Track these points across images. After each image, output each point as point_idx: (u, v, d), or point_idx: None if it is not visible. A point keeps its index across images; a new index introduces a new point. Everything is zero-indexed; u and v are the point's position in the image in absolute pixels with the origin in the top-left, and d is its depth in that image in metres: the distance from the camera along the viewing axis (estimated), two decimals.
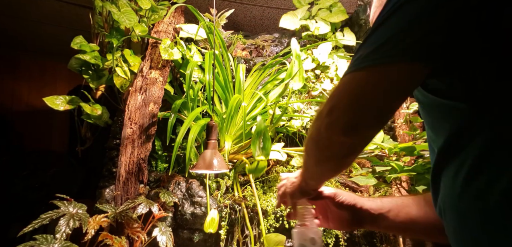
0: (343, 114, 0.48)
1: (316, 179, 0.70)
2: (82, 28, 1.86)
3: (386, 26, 0.46)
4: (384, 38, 0.46)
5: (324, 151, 0.56)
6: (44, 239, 1.02)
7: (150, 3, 1.67)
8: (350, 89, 0.48)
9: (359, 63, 0.47)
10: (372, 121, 0.49)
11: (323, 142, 0.54)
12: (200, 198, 1.50)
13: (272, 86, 1.81)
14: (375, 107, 0.47)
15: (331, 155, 0.55)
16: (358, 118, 0.48)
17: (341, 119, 0.48)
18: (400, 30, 0.45)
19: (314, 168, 0.65)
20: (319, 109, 0.54)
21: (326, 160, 0.58)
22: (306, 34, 2.00)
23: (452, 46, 0.44)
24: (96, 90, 1.64)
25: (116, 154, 1.55)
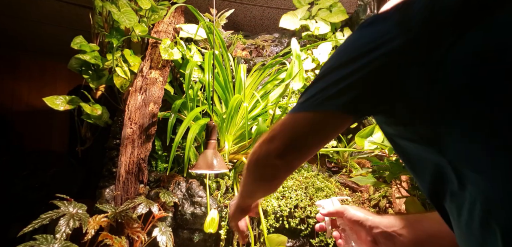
0: (279, 144, 0.61)
1: (252, 196, 0.83)
2: (82, 28, 1.86)
3: (320, 79, 0.56)
4: (316, 90, 0.56)
5: (261, 170, 0.68)
6: (44, 239, 1.02)
7: (150, 3, 1.67)
8: (287, 127, 0.61)
9: (297, 107, 0.60)
10: (299, 155, 0.63)
11: (262, 162, 0.65)
12: (200, 198, 1.50)
13: (272, 86, 1.80)
14: (302, 144, 0.60)
15: (266, 174, 0.68)
16: (289, 150, 0.60)
17: (277, 148, 0.61)
18: (328, 84, 0.54)
19: (251, 185, 0.76)
20: (264, 136, 0.66)
21: (261, 179, 0.71)
22: (306, 34, 2.00)
23: (369, 100, 0.53)
24: (96, 90, 1.64)
25: (116, 154, 1.55)
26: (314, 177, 1.67)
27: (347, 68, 0.52)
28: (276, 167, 0.63)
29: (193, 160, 1.54)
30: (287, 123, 0.61)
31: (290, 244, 1.53)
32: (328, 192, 1.62)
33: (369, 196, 1.67)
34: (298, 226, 1.51)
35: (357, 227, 0.79)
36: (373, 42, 0.50)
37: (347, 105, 0.53)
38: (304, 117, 0.58)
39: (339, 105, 0.53)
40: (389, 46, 0.48)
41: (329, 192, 1.62)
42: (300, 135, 0.59)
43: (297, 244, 1.54)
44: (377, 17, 0.53)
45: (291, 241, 1.53)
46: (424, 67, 0.46)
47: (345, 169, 1.80)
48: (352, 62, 0.51)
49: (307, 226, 1.52)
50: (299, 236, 1.54)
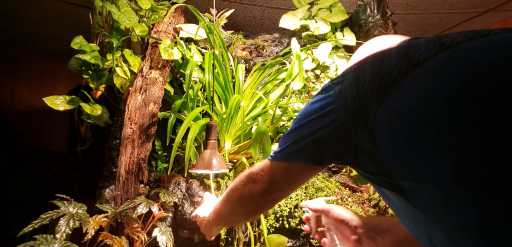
0: (262, 186, 0.70)
1: (228, 223, 0.96)
2: (82, 28, 1.86)
3: (291, 133, 0.65)
4: (287, 142, 0.65)
5: (245, 207, 0.76)
6: (44, 239, 1.02)
7: (150, 3, 1.67)
8: (267, 173, 0.69)
9: (273, 156, 0.68)
10: (280, 194, 0.72)
11: (246, 199, 0.74)
12: (200, 198, 1.50)
13: (272, 86, 1.80)
14: (281, 187, 0.70)
15: (249, 210, 0.77)
16: (271, 191, 0.70)
17: (261, 189, 0.70)
18: (296, 139, 0.63)
19: (231, 216, 0.84)
20: (246, 176, 0.74)
21: (243, 213, 0.79)
22: (306, 34, 2.00)
23: (330, 154, 0.62)
24: (96, 90, 1.64)
25: (116, 154, 1.55)
26: (314, 177, 1.67)
27: (307, 128, 0.62)
28: (259, 204, 0.73)
29: (194, 160, 1.54)
30: (267, 169, 0.70)
31: (290, 244, 1.53)
32: (328, 192, 1.62)
33: (369, 196, 1.67)
34: (298, 226, 1.51)
35: (342, 227, 0.87)
36: (323, 108, 0.60)
37: (311, 157, 0.63)
38: (279, 166, 0.68)
39: (306, 157, 0.63)
40: (334, 112, 0.58)
41: (329, 192, 1.62)
42: (277, 179, 0.68)
43: (297, 244, 1.53)
44: (327, 86, 0.63)
45: (291, 241, 1.53)
46: (365, 126, 0.53)
47: (345, 169, 1.80)
48: (311, 124, 0.61)
49: None
50: (299, 236, 1.53)
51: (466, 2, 2.47)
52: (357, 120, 0.54)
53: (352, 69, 0.59)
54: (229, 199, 0.81)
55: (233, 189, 0.78)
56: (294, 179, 0.69)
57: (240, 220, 0.91)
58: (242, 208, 0.78)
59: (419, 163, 0.47)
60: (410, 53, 0.51)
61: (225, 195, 0.83)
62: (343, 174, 1.78)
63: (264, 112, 1.75)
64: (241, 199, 0.76)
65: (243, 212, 0.79)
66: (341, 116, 0.57)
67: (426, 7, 2.55)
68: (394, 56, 0.53)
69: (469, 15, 2.68)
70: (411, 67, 0.50)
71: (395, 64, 0.51)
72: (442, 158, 0.44)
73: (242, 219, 0.88)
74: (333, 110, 0.58)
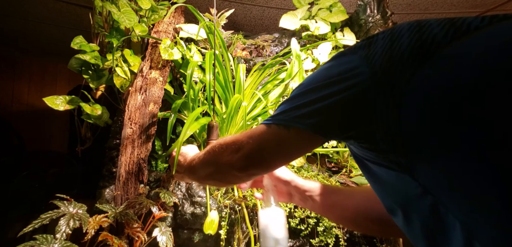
0: (244, 156, 0.61)
1: (200, 181, 0.89)
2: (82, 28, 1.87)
3: (294, 98, 0.58)
4: (288, 107, 0.57)
5: (220, 175, 0.69)
6: (44, 239, 1.02)
7: (150, 3, 1.67)
8: (255, 139, 0.61)
9: (267, 120, 0.60)
10: (261, 168, 0.64)
11: (223, 169, 0.66)
12: (200, 198, 1.50)
13: (272, 86, 1.80)
14: (265, 158, 0.61)
15: (223, 179, 0.70)
16: (252, 162, 0.61)
17: (241, 159, 0.61)
18: (300, 104, 0.56)
19: (204, 177, 0.77)
20: (229, 141, 0.65)
21: (218, 180, 0.72)
22: (306, 34, 2.00)
23: (338, 125, 0.55)
24: (96, 90, 1.64)
25: (116, 154, 1.55)
26: (314, 177, 1.67)
27: (319, 92, 0.55)
28: (237, 177, 0.66)
29: None
30: (255, 135, 0.61)
31: (290, 244, 1.53)
32: None
33: None
34: (298, 226, 1.51)
35: (280, 185, 0.87)
36: (343, 72, 0.53)
37: (315, 126, 0.55)
38: (272, 131, 0.59)
39: (308, 125, 0.55)
40: (357, 78, 0.52)
41: None
42: (267, 148, 0.60)
43: (297, 244, 1.53)
44: (348, 50, 0.56)
45: (291, 241, 1.53)
46: (388, 98, 0.49)
47: (345, 169, 1.80)
48: (325, 88, 0.54)
49: (307, 226, 1.52)
50: (299, 236, 1.54)
51: (466, 2, 2.48)
52: (382, 89, 0.49)
53: (384, 34, 0.53)
54: (207, 159, 0.73)
55: (210, 152, 0.71)
56: (287, 150, 0.60)
57: (211, 185, 0.83)
58: (216, 175, 0.70)
59: (453, 139, 0.43)
60: (456, 21, 0.46)
61: (204, 153, 0.75)
62: (343, 174, 1.78)
63: (264, 112, 1.75)
64: (216, 165, 0.68)
65: (217, 179, 0.72)
66: (365, 82, 0.51)
67: (426, 7, 2.56)
68: (435, 23, 0.48)
69: (469, 15, 2.68)
70: (459, 33, 0.45)
71: (439, 30, 0.47)
72: (485, 133, 0.40)
73: (212, 184, 0.80)
74: (356, 75, 0.52)
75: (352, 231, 1.55)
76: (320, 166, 1.79)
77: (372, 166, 0.58)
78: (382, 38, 0.52)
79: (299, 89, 0.59)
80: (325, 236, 1.52)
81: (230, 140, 0.65)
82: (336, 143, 1.86)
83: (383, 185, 0.58)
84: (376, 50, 0.51)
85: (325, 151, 1.83)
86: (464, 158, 0.42)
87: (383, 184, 0.58)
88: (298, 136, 0.57)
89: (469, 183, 0.42)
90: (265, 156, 0.61)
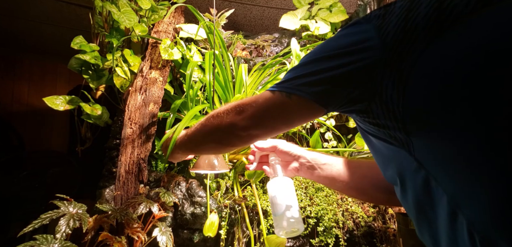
0: (247, 117, 0.63)
1: (199, 151, 0.88)
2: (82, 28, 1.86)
3: (300, 66, 0.58)
4: (294, 75, 0.58)
5: (221, 135, 0.69)
6: (44, 239, 1.02)
7: (150, 3, 1.67)
8: (259, 103, 0.62)
9: (272, 86, 0.61)
10: (263, 131, 0.65)
11: (225, 128, 0.67)
12: (200, 198, 1.50)
13: None
14: (268, 123, 0.62)
15: (225, 139, 0.69)
16: (255, 124, 0.63)
17: (244, 120, 0.63)
18: (306, 73, 0.56)
19: (204, 143, 0.77)
20: (232, 104, 0.67)
21: (218, 141, 0.72)
22: (306, 34, 2.00)
23: (342, 96, 0.54)
24: (96, 90, 1.64)
25: (116, 154, 1.55)
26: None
27: (327, 62, 0.54)
28: (238, 137, 0.66)
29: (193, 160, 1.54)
30: (259, 99, 0.62)
31: (290, 244, 1.53)
32: (328, 192, 1.62)
33: None
34: None
35: (286, 157, 0.90)
36: (353, 44, 0.52)
37: (319, 95, 0.55)
38: (276, 97, 0.60)
39: (312, 94, 0.55)
40: (367, 51, 0.50)
41: (329, 192, 1.62)
42: (269, 113, 0.61)
43: (297, 244, 1.53)
44: (363, 18, 0.54)
45: (291, 241, 1.53)
46: (397, 71, 0.47)
47: None
48: (332, 58, 0.54)
49: (307, 226, 1.52)
50: (299, 236, 1.54)
51: None
52: (390, 62, 0.48)
53: (403, 2, 0.50)
54: (207, 123, 0.73)
55: (213, 115, 0.71)
56: (287, 117, 0.61)
57: (210, 149, 0.81)
58: (217, 135, 0.70)
59: (461, 112, 0.42)
60: None
61: (203, 119, 0.75)
62: None
63: None
64: (219, 127, 0.68)
65: (217, 140, 0.72)
66: (374, 55, 0.49)
67: None
68: None
69: None
70: (481, 3, 0.42)
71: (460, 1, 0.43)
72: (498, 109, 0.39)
73: (212, 148, 0.78)
74: (366, 48, 0.50)
75: (352, 231, 1.56)
76: None
77: (373, 139, 0.58)
78: (400, 7, 0.50)
79: (308, 57, 0.58)
80: (325, 236, 1.52)
81: (232, 104, 0.67)
82: (336, 143, 1.86)
83: (384, 158, 0.59)
84: (390, 20, 0.49)
85: (325, 151, 1.83)
86: (468, 131, 0.41)
87: (384, 156, 0.58)
88: (299, 104, 0.57)
89: (469, 157, 0.42)
90: (267, 120, 0.62)
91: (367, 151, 1.59)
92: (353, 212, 1.59)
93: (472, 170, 0.42)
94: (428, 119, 0.45)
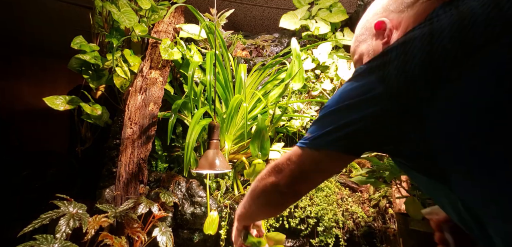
0: (287, 176, 0.66)
1: (255, 218, 0.86)
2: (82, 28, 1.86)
3: (323, 118, 0.61)
4: (320, 130, 0.60)
5: (269, 197, 0.72)
6: (44, 239, 1.02)
7: (150, 3, 1.67)
8: (294, 162, 0.65)
9: (302, 143, 0.63)
10: (306, 186, 0.68)
11: (270, 189, 0.70)
12: (200, 198, 1.50)
13: (272, 86, 1.80)
14: (308, 178, 0.65)
15: (273, 201, 0.72)
16: (296, 182, 0.65)
17: (285, 179, 0.66)
18: (331, 129, 0.58)
19: (257, 209, 0.79)
20: (270, 167, 0.70)
21: (268, 204, 0.75)
22: (306, 34, 2.00)
23: (368, 144, 0.57)
24: (96, 90, 1.64)
25: (116, 154, 1.55)
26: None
27: (346, 116, 0.56)
28: (284, 195, 0.68)
29: (193, 162, 1.54)
30: (293, 158, 0.65)
31: (290, 244, 1.53)
32: (328, 192, 1.62)
33: (369, 196, 1.67)
34: (298, 226, 1.51)
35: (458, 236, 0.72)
36: (362, 94, 0.54)
37: (348, 147, 0.58)
38: (309, 155, 0.62)
39: (342, 147, 0.58)
40: (376, 99, 0.52)
41: (329, 192, 1.62)
42: (305, 170, 0.64)
43: (297, 244, 1.53)
44: (365, 70, 0.56)
45: (291, 241, 1.53)
46: (410, 116, 0.49)
47: (345, 169, 1.80)
48: (349, 111, 0.56)
49: (307, 226, 1.52)
50: (299, 236, 1.53)
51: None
52: (404, 110, 0.49)
53: (397, 51, 0.51)
54: (254, 190, 0.76)
55: (258, 179, 0.74)
56: (325, 170, 0.64)
57: (265, 213, 0.84)
58: (266, 198, 0.73)
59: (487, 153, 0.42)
60: (468, 32, 0.44)
61: (250, 188, 0.79)
62: (343, 174, 1.78)
63: (264, 112, 1.75)
64: (265, 190, 0.71)
65: (267, 203, 0.74)
66: (385, 105, 0.51)
67: None
68: (447, 32, 0.46)
69: None
70: (475, 49, 0.43)
71: (451, 45, 0.45)
72: None
73: (267, 211, 0.81)
74: (375, 98, 0.52)
75: (352, 231, 1.56)
76: None
77: (412, 172, 0.58)
78: (396, 56, 0.51)
79: (326, 109, 0.61)
80: (325, 236, 1.52)
81: (271, 167, 0.71)
82: None
83: (431, 192, 0.59)
84: (391, 71, 0.51)
85: None
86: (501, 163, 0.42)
87: (429, 189, 0.59)
88: (331, 157, 0.61)
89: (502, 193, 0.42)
90: (305, 175, 0.65)
91: None
92: (353, 212, 1.59)
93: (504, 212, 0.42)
94: (450, 155, 0.47)
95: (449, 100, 0.45)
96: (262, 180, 0.72)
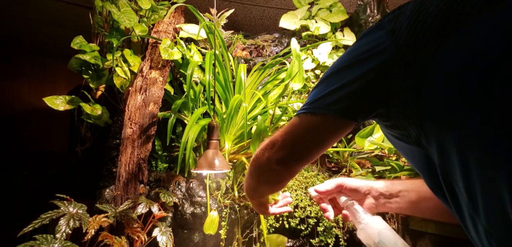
0: (279, 149, 0.62)
1: (259, 195, 0.80)
2: (82, 28, 1.86)
3: (321, 84, 0.58)
4: (317, 95, 0.57)
5: (265, 175, 0.68)
6: (44, 239, 1.02)
7: (150, 3, 1.67)
8: (288, 132, 0.61)
9: (299, 111, 0.60)
10: (299, 159, 0.62)
11: (264, 167, 0.66)
12: (200, 198, 1.50)
13: (272, 86, 1.81)
14: (301, 149, 0.61)
15: (269, 178, 0.68)
16: (289, 155, 0.61)
17: (277, 152, 0.62)
18: (329, 90, 0.55)
19: (256, 187, 0.75)
20: (265, 141, 0.66)
21: (265, 182, 0.71)
22: (306, 34, 2.00)
23: (366, 106, 0.54)
24: (96, 90, 1.64)
25: (116, 154, 1.55)
26: (314, 177, 1.67)
27: (346, 76, 0.54)
28: (277, 171, 0.64)
29: (192, 163, 1.54)
30: (287, 128, 0.62)
31: (290, 244, 1.53)
32: None
33: None
34: (298, 226, 1.51)
35: (357, 196, 0.79)
36: (369, 51, 0.52)
37: (348, 110, 0.55)
38: (303, 120, 0.59)
39: (341, 110, 0.54)
40: (383, 54, 0.51)
41: None
42: (298, 137, 0.60)
43: (297, 244, 1.54)
44: (374, 27, 0.55)
45: (291, 241, 1.53)
46: (412, 72, 0.48)
47: (345, 169, 1.80)
48: (351, 70, 0.54)
49: (307, 226, 1.52)
50: (299, 236, 1.54)
51: None
52: (405, 63, 0.48)
53: (415, 4, 0.50)
54: (251, 168, 0.73)
55: (254, 158, 0.71)
56: (318, 138, 0.59)
57: (266, 190, 0.78)
58: (262, 176, 0.69)
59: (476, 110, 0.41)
60: None
61: (249, 166, 0.75)
62: (343, 174, 1.78)
63: (264, 112, 1.75)
64: (260, 167, 0.68)
65: (264, 181, 0.70)
66: (390, 56, 0.50)
67: None
68: None
69: None
70: (491, 2, 0.42)
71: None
72: None
73: (267, 188, 0.75)
74: (382, 52, 0.51)
75: (352, 231, 1.56)
76: (320, 166, 1.79)
77: (397, 142, 0.57)
78: (411, 9, 0.50)
79: (327, 73, 0.58)
80: (325, 236, 1.52)
81: (266, 141, 0.67)
82: (336, 143, 1.86)
83: (413, 162, 0.57)
84: (402, 23, 0.50)
85: None
86: (487, 125, 0.40)
87: (413, 161, 0.57)
88: (327, 122, 0.56)
89: (485, 153, 0.41)
90: (298, 146, 0.61)
91: (367, 151, 1.59)
92: None
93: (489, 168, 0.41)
94: (442, 119, 0.45)
95: (453, 53, 0.44)
96: (256, 159, 0.69)
